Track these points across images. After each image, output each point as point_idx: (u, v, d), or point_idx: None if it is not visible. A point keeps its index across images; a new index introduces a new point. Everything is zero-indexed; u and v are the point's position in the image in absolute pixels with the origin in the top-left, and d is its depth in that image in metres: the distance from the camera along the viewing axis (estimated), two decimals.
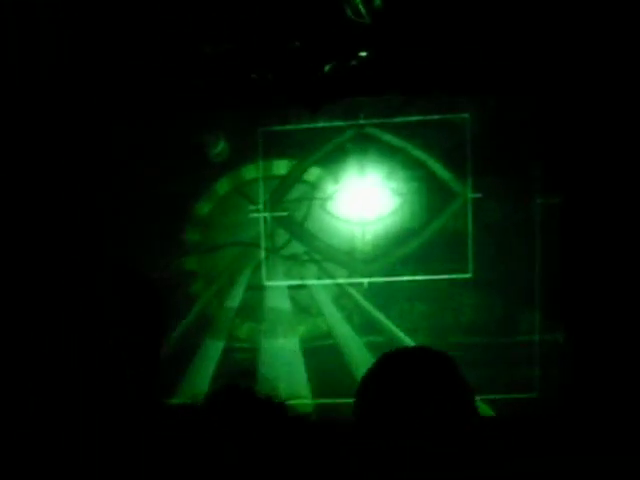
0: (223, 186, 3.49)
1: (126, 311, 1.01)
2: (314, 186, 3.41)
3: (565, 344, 2.99)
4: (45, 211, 2.84)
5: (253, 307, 3.44)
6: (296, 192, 3.45)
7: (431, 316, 3.28)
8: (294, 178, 3.44)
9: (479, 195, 3.22)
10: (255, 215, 3.44)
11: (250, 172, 3.47)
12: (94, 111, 2.98)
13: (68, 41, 2.55)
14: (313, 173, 3.43)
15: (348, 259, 3.38)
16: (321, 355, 3.37)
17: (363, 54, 2.48)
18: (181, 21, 2.47)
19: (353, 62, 2.50)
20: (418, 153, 3.34)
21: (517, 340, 3.22)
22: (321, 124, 3.35)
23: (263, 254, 3.45)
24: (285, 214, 3.42)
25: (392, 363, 0.94)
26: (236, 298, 3.45)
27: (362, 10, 2.27)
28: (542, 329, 3.20)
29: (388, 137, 3.36)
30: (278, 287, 3.42)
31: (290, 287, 3.41)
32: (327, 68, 2.52)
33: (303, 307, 3.41)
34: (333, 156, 3.39)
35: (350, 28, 2.29)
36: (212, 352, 3.48)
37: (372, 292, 3.38)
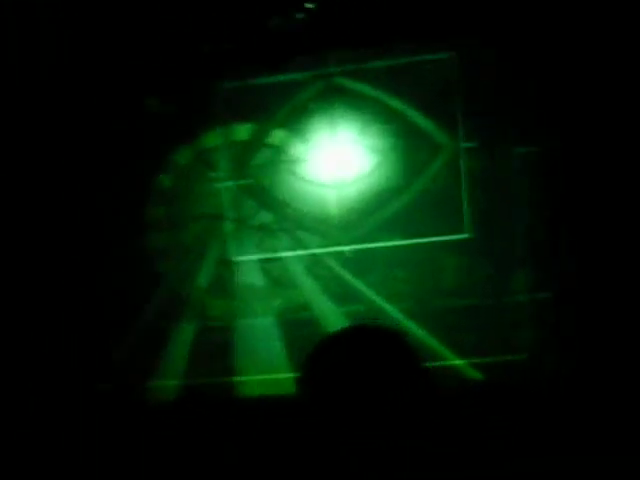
0: (184, 156, 3.26)
1: None
2: (280, 149, 3.17)
3: (554, 303, 2.78)
4: (42, 210, 2.88)
5: (224, 283, 3.25)
6: (261, 157, 3.22)
7: (413, 281, 3.06)
8: (258, 142, 3.20)
9: (474, 144, 2.93)
10: (219, 185, 3.22)
11: (211, 139, 3.24)
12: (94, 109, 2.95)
13: (68, 41, 2.55)
14: (278, 135, 3.19)
15: (322, 226, 3.17)
16: (299, 328, 3.19)
17: (310, 6, 2.31)
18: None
19: (300, 15, 2.33)
20: (395, 103, 3.04)
21: (508, 301, 3.02)
22: (283, 77, 3.09)
23: (230, 226, 3.24)
24: (251, 182, 3.19)
25: (333, 345, 0.95)
26: (206, 275, 3.25)
27: None
28: (532, 288, 3.00)
29: (359, 87, 3.05)
30: (249, 261, 3.22)
31: (262, 260, 3.21)
32: (273, 22, 2.36)
33: (277, 280, 3.22)
34: (300, 114, 3.13)
35: None
36: (185, 333, 3.30)
37: (349, 260, 3.17)
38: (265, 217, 3.22)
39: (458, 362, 2.94)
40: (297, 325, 3.22)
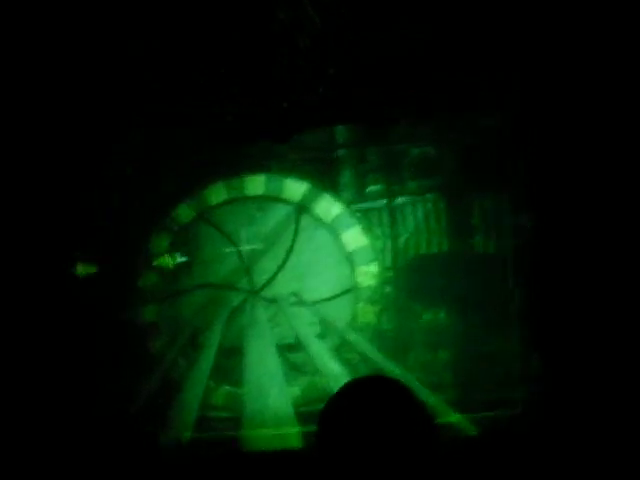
0: (184, 213, 2.77)
1: None
2: (303, 207, 2.72)
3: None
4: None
5: (230, 366, 2.72)
6: (278, 214, 2.72)
7: (458, 366, 2.54)
8: (272, 197, 2.73)
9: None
10: (227, 249, 2.73)
11: (217, 194, 2.75)
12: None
13: (68, 50, 2.48)
14: (299, 189, 2.72)
15: (349, 300, 2.66)
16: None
17: (320, 90, 2.37)
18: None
19: (312, 97, 2.38)
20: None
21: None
22: None
23: (239, 298, 2.74)
24: (265, 246, 2.71)
25: (352, 392, 0.96)
26: (208, 355, 2.69)
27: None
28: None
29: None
30: (261, 340, 2.67)
31: (275, 337, 2.70)
32: (286, 104, 2.40)
33: (295, 363, 2.71)
34: (326, 164, 2.70)
35: (305, 67, 2.29)
36: (183, 424, 2.71)
37: (383, 337, 2.63)
38: (281, 288, 2.72)
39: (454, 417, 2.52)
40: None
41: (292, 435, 2.55)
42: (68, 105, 2.65)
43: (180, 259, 2.70)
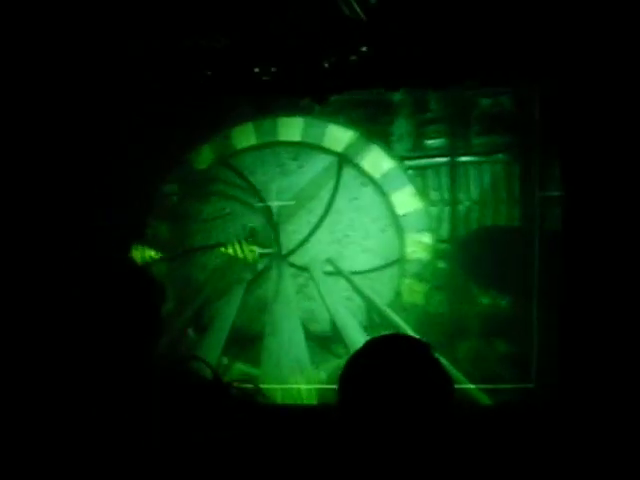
0: (204, 157, 2.51)
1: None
2: (345, 158, 2.43)
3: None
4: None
5: (247, 341, 2.48)
6: (317, 166, 2.44)
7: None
8: (311, 145, 2.45)
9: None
10: (253, 203, 2.48)
11: (245, 136, 2.48)
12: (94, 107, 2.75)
13: (68, 38, 2.54)
14: (343, 137, 2.44)
15: (394, 273, 2.39)
16: None
17: (364, 49, 2.44)
18: (184, 16, 2.46)
19: (353, 57, 2.45)
20: None
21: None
22: None
23: (264, 262, 2.47)
24: (296, 203, 2.46)
25: (374, 350, 0.99)
26: (223, 327, 2.48)
27: (357, 8, 2.31)
28: None
29: None
30: (286, 313, 2.46)
31: (303, 312, 2.46)
32: (327, 64, 2.45)
33: (323, 343, 2.43)
34: (378, 109, 2.45)
35: (349, 25, 2.36)
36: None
37: (431, 322, 2.36)
38: (313, 252, 2.46)
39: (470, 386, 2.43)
40: None
41: (310, 391, 2.48)
42: (68, 105, 2.65)
43: (260, 250, 2.47)
